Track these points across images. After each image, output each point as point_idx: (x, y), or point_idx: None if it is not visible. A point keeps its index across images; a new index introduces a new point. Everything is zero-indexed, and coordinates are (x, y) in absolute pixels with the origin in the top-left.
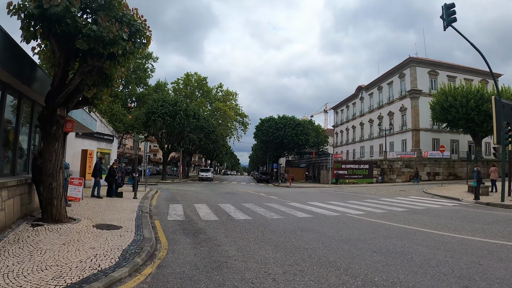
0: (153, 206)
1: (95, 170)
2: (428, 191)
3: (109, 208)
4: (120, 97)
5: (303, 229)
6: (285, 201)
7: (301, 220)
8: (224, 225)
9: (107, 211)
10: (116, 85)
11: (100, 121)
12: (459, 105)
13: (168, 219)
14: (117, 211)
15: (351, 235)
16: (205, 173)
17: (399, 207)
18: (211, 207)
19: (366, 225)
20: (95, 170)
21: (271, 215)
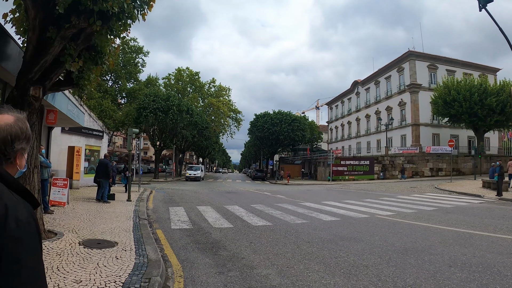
0: (150, 210)
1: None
2: (440, 187)
3: (100, 214)
4: (110, 92)
5: (342, 238)
6: (296, 200)
7: (331, 225)
8: (243, 235)
9: (97, 219)
10: (108, 62)
11: (88, 115)
12: (463, 99)
13: (173, 228)
14: (110, 219)
15: (403, 243)
16: (193, 172)
17: (426, 206)
18: (218, 210)
19: (409, 229)
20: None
21: (291, 219)
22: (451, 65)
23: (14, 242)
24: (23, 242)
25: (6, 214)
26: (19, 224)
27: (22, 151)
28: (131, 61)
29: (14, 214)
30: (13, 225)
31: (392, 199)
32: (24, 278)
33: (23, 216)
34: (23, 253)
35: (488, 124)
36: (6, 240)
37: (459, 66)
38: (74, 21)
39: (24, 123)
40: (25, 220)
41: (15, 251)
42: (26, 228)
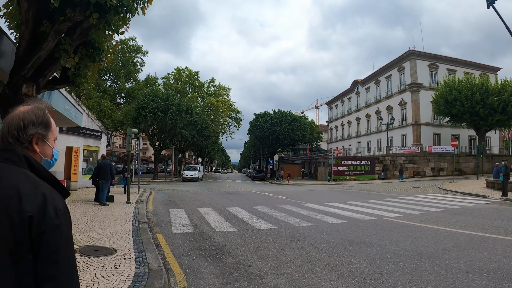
0: (150, 213)
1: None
2: (444, 188)
3: (98, 218)
4: (108, 92)
5: (352, 242)
6: (299, 202)
7: (338, 228)
8: (248, 239)
9: (95, 222)
10: (106, 60)
11: (87, 114)
12: (464, 98)
13: (174, 232)
14: (109, 223)
15: (415, 247)
16: (190, 172)
17: (432, 207)
18: (220, 213)
19: (419, 232)
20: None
21: (296, 221)
22: (452, 64)
23: (54, 230)
24: (62, 231)
25: (45, 203)
26: (57, 213)
27: (39, 137)
28: (130, 60)
29: (52, 203)
30: (52, 213)
31: (396, 200)
32: (62, 266)
33: (60, 205)
34: (61, 242)
35: (489, 124)
36: (46, 228)
37: (459, 66)
38: (69, 13)
39: (42, 111)
40: (62, 209)
41: (55, 239)
42: (63, 217)
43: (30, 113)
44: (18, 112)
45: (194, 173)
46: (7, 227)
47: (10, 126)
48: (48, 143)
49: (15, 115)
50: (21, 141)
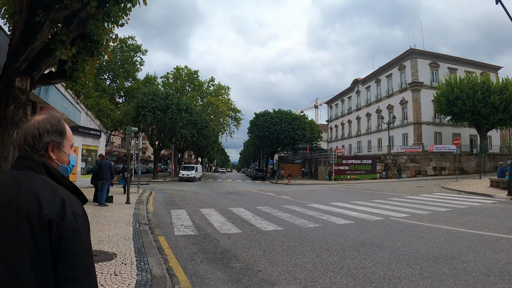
0: (151, 214)
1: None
2: (448, 187)
3: (96, 219)
4: (107, 91)
5: (363, 244)
6: (303, 202)
7: (346, 229)
8: (254, 242)
9: (94, 224)
10: (105, 54)
11: (85, 113)
12: (466, 97)
13: (176, 234)
14: (108, 225)
15: (429, 249)
16: (186, 172)
17: (439, 207)
18: (223, 213)
19: (430, 233)
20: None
21: (302, 222)
22: (453, 63)
23: (72, 234)
24: (80, 235)
25: (63, 207)
26: (76, 217)
27: (55, 144)
28: (129, 59)
29: (71, 208)
30: (71, 217)
31: (402, 200)
32: (81, 270)
33: (78, 210)
34: (79, 245)
35: (491, 122)
36: (65, 231)
37: (460, 64)
38: (65, 1)
39: (56, 119)
40: (81, 214)
41: (73, 243)
42: (81, 221)
43: (45, 122)
44: (34, 122)
45: (190, 172)
46: (27, 231)
47: (26, 135)
48: (64, 150)
49: (31, 125)
50: (37, 149)
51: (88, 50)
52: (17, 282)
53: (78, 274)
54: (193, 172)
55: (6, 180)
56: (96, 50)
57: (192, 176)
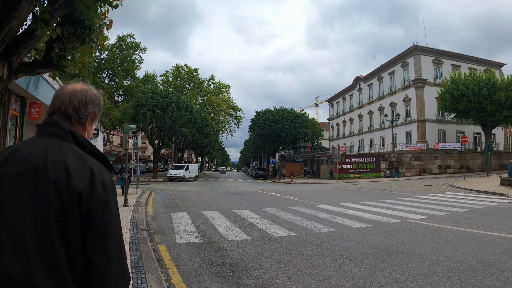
0: (150, 217)
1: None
2: (457, 186)
3: None
4: (106, 90)
5: (388, 251)
6: (311, 202)
7: (365, 234)
8: (267, 250)
9: None
10: (98, 41)
11: None
12: (471, 93)
13: (178, 242)
14: None
15: (461, 256)
16: (174, 171)
17: (455, 207)
18: (227, 217)
19: (455, 237)
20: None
21: (315, 226)
22: (456, 60)
23: (103, 206)
24: (110, 206)
25: (93, 178)
26: (105, 187)
27: (94, 116)
28: (128, 57)
29: (100, 179)
30: (100, 188)
31: (414, 200)
32: (111, 241)
33: (108, 180)
34: (109, 217)
35: (496, 120)
36: (95, 204)
37: (464, 61)
38: None
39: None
40: (110, 184)
41: (103, 215)
42: (111, 191)
43: (91, 92)
44: (79, 88)
45: (178, 172)
46: (57, 203)
47: (73, 98)
48: (94, 125)
49: (78, 90)
50: (79, 115)
51: (78, 37)
52: (47, 253)
53: (108, 246)
54: (182, 172)
55: (32, 147)
56: (88, 37)
57: (180, 176)
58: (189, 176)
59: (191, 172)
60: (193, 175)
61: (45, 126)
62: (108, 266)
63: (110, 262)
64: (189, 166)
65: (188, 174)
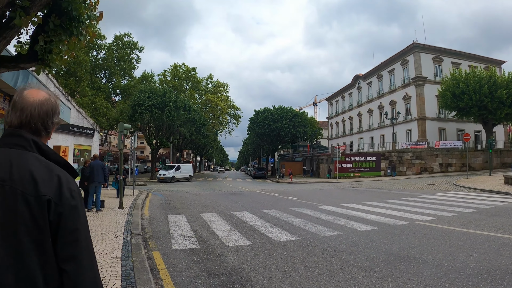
0: (146, 220)
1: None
2: (460, 184)
3: None
4: (103, 90)
5: (399, 257)
6: (312, 203)
7: (372, 238)
8: (269, 257)
9: None
10: (87, 33)
11: (77, 111)
12: (472, 91)
13: (174, 248)
14: (94, 237)
15: (477, 262)
16: (163, 172)
17: (462, 207)
18: (227, 219)
19: (468, 240)
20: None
21: (319, 229)
22: (456, 57)
23: (72, 211)
24: (79, 211)
25: (60, 185)
26: (72, 194)
27: (56, 126)
28: (125, 57)
29: (67, 185)
30: (68, 194)
31: (418, 200)
32: (81, 246)
33: (74, 187)
34: (79, 222)
35: (498, 117)
36: (63, 210)
37: (464, 59)
38: None
39: (56, 98)
40: (77, 190)
41: (73, 220)
42: (78, 197)
43: (52, 101)
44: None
45: (167, 172)
46: (26, 213)
47: (41, 112)
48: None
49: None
50: (48, 129)
51: (65, 29)
52: (19, 264)
53: (80, 252)
54: (171, 172)
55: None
56: (76, 29)
57: (169, 176)
58: (180, 176)
59: (183, 172)
60: (185, 175)
61: (7, 137)
62: (81, 274)
63: (82, 270)
64: (180, 166)
65: (179, 174)
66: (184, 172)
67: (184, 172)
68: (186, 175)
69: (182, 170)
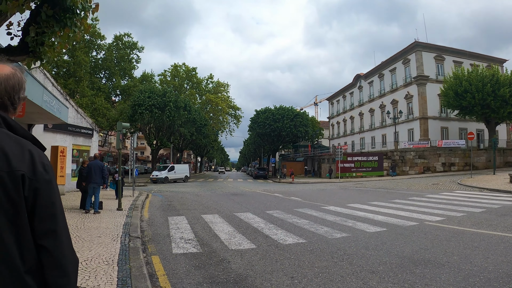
0: (145, 222)
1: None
2: (465, 184)
3: (78, 232)
4: (103, 90)
5: (412, 260)
6: (316, 204)
7: (383, 240)
8: (276, 262)
9: (73, 239)
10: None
11: (75, 110)
12: (475, 90)
13: (174, 252)
14: (90, 241)
15: (495, 265)
16: (156, 173)
17: (470, 207)
18: (229, 221)
19: (483, 241)
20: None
21: (326, 231)
22: (458, 56)
23: (47, 185)
24: (54, 185)
25: (33, 160)
26: (46, 168)
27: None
28: (125, 57)
29: (40, 159)
30: (41, 169)
31: (424, 199)
32: (59, 220)
33: (46, 161)
34: (55, 196)
35: (501, 116)
36: (39, 184)
37: (466, 57)
38: None
39: (21, 73)
40: (49, 164)
41: (49, 194)
42: (51, 171)
43: (19, 75)
44: (10, 72)
45: (160, 173)
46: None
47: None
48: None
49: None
50: (14, 105)
51: (59, 21)
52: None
53: (58, 226)
54: (164, 173)
55: None
56: (70, 20)
57: (162, 177)
58: (174, 177)
59: (178, 173)
60: (181, 176)
61: None
62: (61, 249)
63: (62, 245)
64: (174, 167)
65: (173, 175)
66: (179, 172)
67: (179, 173)
68: (182, 176)
69: (177, 170)
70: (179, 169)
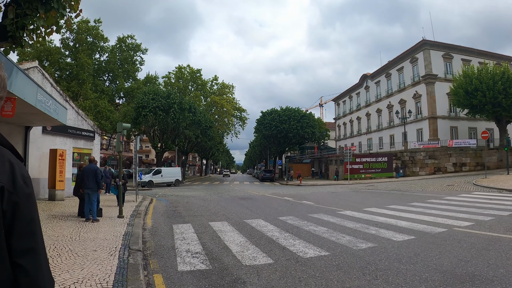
0: (148, 231)
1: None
2: (481, 184)
3: (71, 244)
4: (106, 92)
5: (456, 276)
6: (332, 208)
7: (414, 250)
8: (299, 281)
9: (63, 255)
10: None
11: (76, 112)
12: (486, 88)
13: (180, 269)
14: (83, 256)
15: None
16: (149, 176)
17: (496, 210)
18: (240, 229)
19: None
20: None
21: (348, 240)
22: (466, 54)
23: (27, 200)
24: (33, 200)
25: (13, 171)
26: (25, 181)
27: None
28: (128, 59)
29: (20, 171)
30: (21, 182)
31: (444, 202)
32: (38, 238)
33: (26, 173)
34: (35, 211)
35: None
36: (19, 198)
37: (474, 55)
38: None
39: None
40: (29, 176)
41: (29, 210)
42: (31, 184)
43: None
44: None
45: (145, 176)
46: None
47: None
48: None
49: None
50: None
51: (43, 1)
52: None
53: (37, 244)
54: (148, 176)
55: None
56: (56, 2)
57: (145, 181)
58: (161, 181)
59: (165, 176)
60: (169, 180)
61: None
62: (39, 269)
63: (40, 264)
64: (160, 170)
65: (159, 179)
66: (167, 176)
67: (166, 176)
68: (171, 180)
69: (164, 174)
70: (167, 172)
